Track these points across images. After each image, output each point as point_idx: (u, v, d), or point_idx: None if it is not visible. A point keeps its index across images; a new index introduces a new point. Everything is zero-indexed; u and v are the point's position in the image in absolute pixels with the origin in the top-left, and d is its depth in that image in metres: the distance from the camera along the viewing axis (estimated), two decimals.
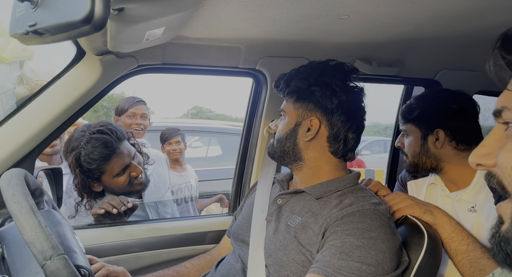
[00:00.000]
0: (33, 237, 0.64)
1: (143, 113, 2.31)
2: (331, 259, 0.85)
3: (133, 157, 1.52)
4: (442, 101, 1.29)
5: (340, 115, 1.03)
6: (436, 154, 1.26)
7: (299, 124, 1.06)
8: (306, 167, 1.07)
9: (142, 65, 1.30)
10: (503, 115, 0.48)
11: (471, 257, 1.03)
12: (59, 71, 1.12)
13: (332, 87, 1.02)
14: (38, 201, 0.93)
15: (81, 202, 1.50)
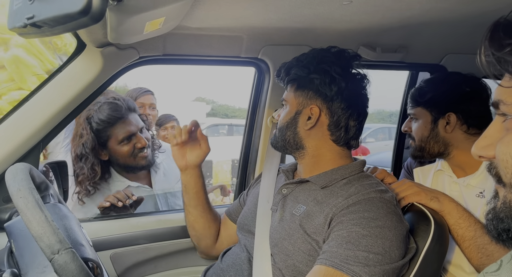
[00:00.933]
0: (40, 232, 0.65)
1: (151, 104, 2.29)
2: (338, 250, 0.85)
3: (140, 129, 1.57)
4: (454, 84, 1.26)
5: (340, 102, 1.02)
6: (445, 138, 1.25)
7: (300, 113, 1.05)
8: (309, 156, 1.07)
9: (143, 57, 1.29)
10: (501, 107, 0.49)
11: (479, 243, 1.02)
12: (60, 65, 1.11)
13: (331, 74, 1.01)
14: (43, 195, 0.93)
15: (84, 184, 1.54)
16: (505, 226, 0.47)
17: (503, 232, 0.47)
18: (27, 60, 1.81)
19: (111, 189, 1.61)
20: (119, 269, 1.38)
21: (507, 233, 0.47)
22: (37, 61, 1.85)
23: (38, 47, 1.87)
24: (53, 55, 1.89)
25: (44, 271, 0.71)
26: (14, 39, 1.78)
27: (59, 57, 1.91)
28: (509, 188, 0.47)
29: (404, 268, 0.90)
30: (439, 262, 0.98)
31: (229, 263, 1.09)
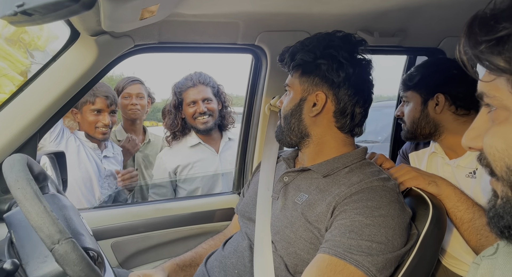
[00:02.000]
0: (40, 222, 0.65)
1: (139, 93, 2.24)
2: (341, 239, 0.86)
3: (205, 99, 1.97)
4: (442, 67, 1.32)
5: (347, 89, 1.00)
6: (435, 119, 1.28)
7: (304, 100, 1.03)
8: (313, 144, 1.05)
9: (138, 45, 1.27)
10: (484, 99, 0.49)
11: (477, 225, 1.04)
12: (54, 54, 1.10)
13: (339, 59, 0.99)
14: (42, 185, 0.93)
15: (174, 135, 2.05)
16: (505, 223, 0.47)
17: (504, 229, 0.47)
18: None
19: (188, 141, 2.03)
20: (120, 257, 1.40)
21: (509, 229, 0.47)
22: (5, 63, 1.85)
23: (6, 49, 1.86)
24: (24, 53, 1.87)
25: (45, 260, 0.72)
26: None
27: (30, 53, 1.91)
28: (503, 181, 0.47)
29: (406, 255, 0.91)
30: (437, 245, 0.99)
31: (230, 250, 1.10)
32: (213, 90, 2.02)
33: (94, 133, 1.92)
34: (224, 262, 1.07)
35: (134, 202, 1.56)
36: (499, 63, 0.43)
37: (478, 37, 0.45)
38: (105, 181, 1.94)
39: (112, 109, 1.93)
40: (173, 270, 1.13)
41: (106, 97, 1.89)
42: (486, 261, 0.57)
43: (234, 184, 1.74)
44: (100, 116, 1.90)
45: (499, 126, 0.47)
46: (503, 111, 0.46)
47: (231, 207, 1.62)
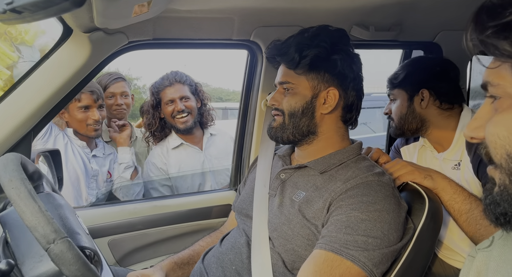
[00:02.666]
0: (35, 222, 0.64)
1: (123, 92, 2.15)
2: (337, 234, 0.86)
3: (182, 97, 1.94)
4: (425, 64, 1.39)
5: (357, 83, 1.01)
6: (421, 115, 1.32)
7: (316, 97, 0.99)
8: (317, 140, 1.04)
9: (132, 42, 1.26)
10: (489, 89, 0.49)
11: (476, 215, 1.05)
12: (47, 51, 1.08)
13: (350, 54, 0.99)
14: (37, 184, 0.92)
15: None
16: (501, 210, 0.47)
17: (500, 216, 0.48)
18: None
19: (170, 143, 2.01)
20: (118, 255, 1.40)
21: (504, 216, 0.47)
22: None
23: None
24: (10, 47, 1.83)
25: (41, 260, 0.71)
26: None
27: (16, 47, 1.86)
28: (501, 168, 0.47)
29: (403, 249, 0.91)
30: (433, 238, 1.00)
31: (228, 247, 1.10)
32: (191, 89, 2.00)
33: (86, 131, 1.87)
34: (222, 258, 1.07)
35: (131, 200, 1.56)
36: (505, 47, 0.44)
37: (485, 24, 0.45)
38: (92, 181, 1.89)
39: (99, 103, 1.88)
40: (171, 269, 1.13)
41: (92, 92, 1.83)
42: (481, 254, 0.57)
43: (231, 180, 1.74)
44: (89, 113, 1.85)
45: (501, 114, 0.47)
46: (506, 100, 0.47)
47: (228, 203, 1.62)
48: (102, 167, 1.93)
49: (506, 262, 0.51)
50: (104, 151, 1.99)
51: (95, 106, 1.85)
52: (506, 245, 0.53)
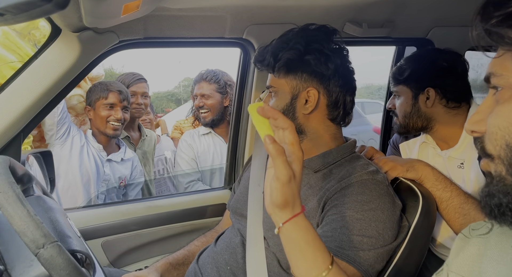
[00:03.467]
0: (23, 227, 0.63)
1: (144, 92, 2.24)
2: (332, 234, 0.85)
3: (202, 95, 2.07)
4: (431, 60, 1.30)
5: (338, 80, 0.99)
6: (426, 113, 1.28)
7: (296, 98, 1.01)
8: (307, 139, 1.04)
9: (123, 41, 1.24)
10: (491, 80, 0.49)
11: (455, 203, 1.06)
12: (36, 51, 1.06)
13: (326, 52, 0.98)
14: (27, 187, 0.91)
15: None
16: (496, 201, 0.47)
17: (494, 207, 0.48)
18: (6, 56, 1.77)
19: (200, 130, 2.17)
20: (111, 256, 1.39)
21: (499, 208, 0.47)
22: (15, 56, 1.80)
23: (17, 42, 1.82)
24: (33, 48, 1.83)
25: (31, 265, 0.70)
26: None
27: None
28: (499, 159, 0.47)
29: (397, 248, 0.91)
30: (427, 235, 1.00)
31: (223, 247, 1.09)
32: (218, 88, 2.11)
33: (106, 129, 1.91)
34: (217, 259, 1.06)
35: (124, 200, 1.55)
36: (510, 35, 0.44)
37: (491, 14, 0.46)
38: (103, 185, 1.91)
39: (124, 105, 1.95)
40: (166, 269, 1.13)
41: (120, 92, 1.93)
42: (477, 240, 0.57)
43: (226, 179, 1.74)
44: (113, 111, 1.91)
45: (502, 106, 0.47)
46: (508, 91, 0.47)
47: (222, 203, 1.61)
48: (116, 172, 1.95)
49: (503, 250, 0.51)
50: (123, 156, 2.00)
51: (120, 106, 1.92)
52: (504, 233, 0.53)
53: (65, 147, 1.85)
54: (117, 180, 1.95)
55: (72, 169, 1.82)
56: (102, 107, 1.91)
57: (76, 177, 1.82)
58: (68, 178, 1.81)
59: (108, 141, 1.97)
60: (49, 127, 1.81)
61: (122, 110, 1.93)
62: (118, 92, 1.92)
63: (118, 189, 1.96)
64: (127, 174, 1.99)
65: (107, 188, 1.92)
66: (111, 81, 2.01)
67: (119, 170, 1.97)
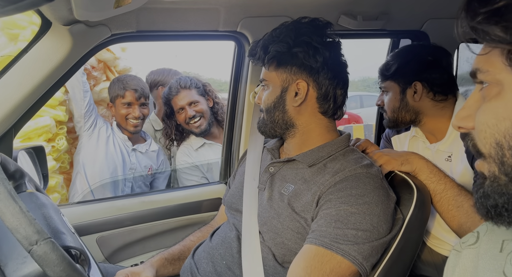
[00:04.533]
0: (16, 223, 0.62)
1: (190, 101, 2.10)
2: (327, 229, 0.85)
3: (191, 103, 1.98)
4: (417, 54, 1.33)
5: (327, 73, 0.99)
6: (414, 107, 1.30)
7: (286, 90, 1.01)
8: (299, 133, 1.04)
9: (115, 34, 1.22)
10: (478, 76, 0.49)
11: (449, 195, 1.07)
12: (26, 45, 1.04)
13: (314, 45, 0.97)
14: (19, 184, 0.90)
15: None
16: (492, 202, 0.47)
17: (491, 209, 0.47)
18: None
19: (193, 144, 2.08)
20: (106, 252, 1.38)
21: (495, 208, 0.47)
22: None
23: None
24: None
25: (24, 261, 0.69)
26: (22, 34, 1.76)
27: None
28: (490, 159, 0.47)
29: (392, 240, 0.91)
30: (422, 228, 1.00)
31: (218, 241, 1.09)
32: (199, 91, 2.04)
33: (126, 126, 1.99)
34: (212, 253, 1.06)
35: (119, 196, 1.54)
36: (495, 32, 0.43)
37: (477, 10, 0.45)
38: (130, 173, 2.00)
39: (141, 102, 1.98)
40: (161, 265, 1.13)
41: (135, 90, 1.95)
42: (468, 251, 0.56)
43: (221, 174, 1.73)
44: (131, 109, 1.97)
45: (489, 102, 0.47)
46: (495, 87, 0.46)
47: (218, 197, 1.61)
48: (142, 162, 2.03)
49: (493, 257, 0.51)
50: (148, 148, 2.08)
51: (137, 104, 1.97)
52: (491, 240, 0.53)
53: (92, 138, 1.96)
54: (143, 169, 2.03)
55: (99, 159, 1.94)
56: (120, 106, 1.97)
57: (103, 166, 1.92)
58: (95, 167, 1.93)
59: (129, 136, 2.04)
60: (77, 119, 1.95)
61: (140, 107, 1.98)
62: (134, 91, 1.95)
63: (145, 177, 2.04)
64: (152, 164, 2.07)
65: (134, 175, 2.01)
66: (128, 77, 2.03)
67: (145, 160, 2.05)
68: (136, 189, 2.01)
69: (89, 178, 1.91)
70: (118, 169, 1.96)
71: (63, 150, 1.97)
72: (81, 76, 1.89)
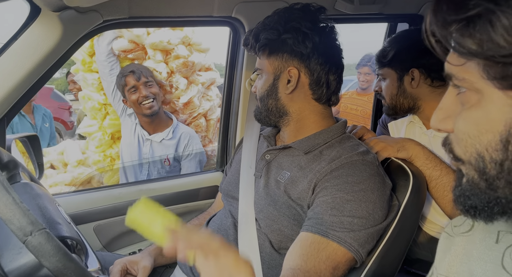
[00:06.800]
0: (9, 215, 0.62)
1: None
2: (323, 216, 0.86)
3: (141, 81, 1.99)
4: (413, 40, 1.28)
5: (318, 58, 0.98)
6: (412, 94, 1.29)
7: (278, 78, 1.00)
8: (293, 121, 1.04)
9: (107, 21, 1.19)
10: (454, 81, 0.46)
11: (444, 181, 1.07)
12: (14, 32, 1.02)
13: (303, 30, 0.96)
14: (13, 174, 0.89)
15: None
16: (472, 203, 0.46)
17: (470, 209, 0.47)
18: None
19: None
20: (104, 240, 1.38)
21: (474, 209, 0.46)
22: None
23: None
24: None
25: (20, 252, 0.69)
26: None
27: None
28: (469, 165, 0.45)
29: (388, 227, 0.92)
30: (417, 213, 1.01)
31: (214, 228, 1.09)
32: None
33: (142, 111, 2.01)
34: None
35: (116, 184, 1.54)
36: (470, 46, 0.39)
37: (446, 16, 0.41)
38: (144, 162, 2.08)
39: (143, 81, 2.00)
40: (159, 253, 1.13)
41: (132, 72, 1.98)
42: (461, 238, 0.56)
43: (218, 161, 1.73)
44: (137, 92, 2.00)
45: (470, 111, 0.44)
46: (474, 94, 0.43)
47: (215, 185, 1.61)
48: (156, 152, 2.08)
49: (488, 247, 0.50)
50: (165, 136, 2.08)
51: (141, 85, 1.99)
52: (486, 230, 0.52)
53: (123, 124, 2.14)
54: (158, 159, 2.07)
55: (125, 145, 2.09)
56: (129, 94, 2.01)
57: (126, 153, 2.07)
58: (123, 152, 2.11)
59: (149, 121, 2.07)
60: (113, 104, 2.14)
61: (145, 86, 2.00)
62: (131, 73, 1.99)
63: (161, 168, 2.08)
64: (169, 153, 2.09)
65: (149, 165, 2.07)
66: (125, 66, 2.09)
67: (160, 150, 2.08)
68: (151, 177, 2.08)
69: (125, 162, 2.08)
70: (133, 158, 2.06)
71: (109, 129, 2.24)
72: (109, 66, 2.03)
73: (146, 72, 2.05)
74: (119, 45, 2.10)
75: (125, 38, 2.12)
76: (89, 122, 2.34)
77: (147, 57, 2.20)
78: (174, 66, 2.19)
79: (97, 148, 2.30)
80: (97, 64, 2.13)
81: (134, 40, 2.13)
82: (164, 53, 2.19)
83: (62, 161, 2.34)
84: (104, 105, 2.27)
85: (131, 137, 2.09)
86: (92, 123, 2.33)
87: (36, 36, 1.03)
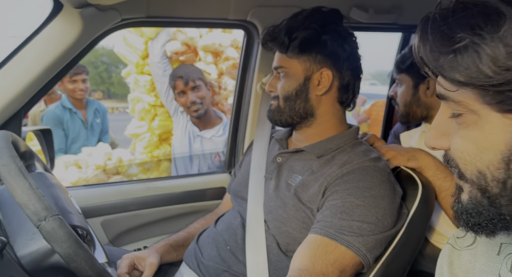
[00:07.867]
0: (25, 199, 0.63)
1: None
2: (332, 219, 0.86)
3: (188, 86, 2.06)
4: None
5: (351, 63, 0.99)
6: (426, 103, 1.29)
7: (309, 79, 0.99)
8: (316, 123, 1.04)
9: (126, 19, 1.22)
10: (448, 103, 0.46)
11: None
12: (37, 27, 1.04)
13: (342, 34, 0.97)
14: (29, 164, 0.91)
15: None
16: (475, 221, 0.46)
17: (474, 226, 0.47)
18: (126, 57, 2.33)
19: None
20: (111, 235, 1.40)
21: (479, 226, 0.46)
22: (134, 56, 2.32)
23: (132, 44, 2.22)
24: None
25: (33, 237, 0.71)
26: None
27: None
28: (472, 183, 0.45)
29: (396, 235, 0.92)
30: (425, 223, 1.01)
31: (223, 227, 1.10)
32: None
33: (189, 113, 2.13)
34: (216, 239, 1.07)
35: (125, 181, 1.56)
36: (459, 78, 0.41)
37: (434, 47, 0.42)
38: (195, 158, 2.15)
39: (191, 86, 2.06)
40: (166, 251, 1.14)
41: (180, 77, 2.06)
42: (466, 252, 0.55)
43: (226, 163, 1.74)
44: (185, 97, 2.08)
45: (467, 130, 0.44)
46: (470, 115, 0.43)
47: (222, 186, 1.62)
48: (207, 148, 2.14)
49: (490, 259, 0.50)
50: (215, 133, 2.14)
51: (188, 90, 2.06)
52: (489, 242, 0.52)
53: (175, 122, 2.21)
54: (208, 155, 2.12)
55: (177, 141, 2.18)
56: (178, 96, 2.11)
57: (177, 150, 2.16)
58: (174, 150, 2.20)
59: (198, 121, 2.15)
60: (165, 104, 2.22)
61: (192, 92, 2.06)
62: (179, 78, 2.06)
63: (211, 163, 2.13)
64: (219, 149, 2.14)
65: (200, 161, 2.12)
66: (177, 67, 2.18)
67: (210, 146, 2.13)
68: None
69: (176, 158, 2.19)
70: (187, 153, 2.14)
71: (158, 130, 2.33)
72: (162, 67, 2.10)
73: (195, 75, 2.10)
74: (172, 48, 2.15)
75: (178, 41, 2.17)
76: (137, 124, 2.38)
77: (198, 59, 2.25)
78: (223, 67, 2.25)
79: (145, 149, 2.35)
80: (150, 66, 2.19)
81: (187, 42, 2.18)
82: (214, 55, 2.24)
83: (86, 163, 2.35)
84: (153, 106, 2.34)
85: (182, 134, 2.18)
86: (141, 125, 2.37)
87: (57, 31, 1.05)
